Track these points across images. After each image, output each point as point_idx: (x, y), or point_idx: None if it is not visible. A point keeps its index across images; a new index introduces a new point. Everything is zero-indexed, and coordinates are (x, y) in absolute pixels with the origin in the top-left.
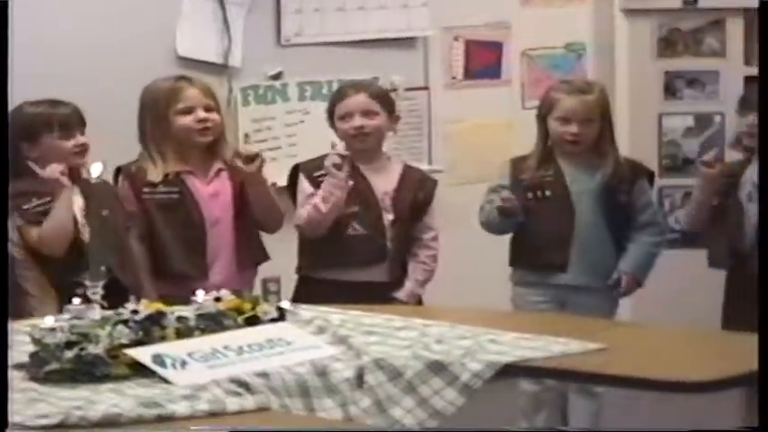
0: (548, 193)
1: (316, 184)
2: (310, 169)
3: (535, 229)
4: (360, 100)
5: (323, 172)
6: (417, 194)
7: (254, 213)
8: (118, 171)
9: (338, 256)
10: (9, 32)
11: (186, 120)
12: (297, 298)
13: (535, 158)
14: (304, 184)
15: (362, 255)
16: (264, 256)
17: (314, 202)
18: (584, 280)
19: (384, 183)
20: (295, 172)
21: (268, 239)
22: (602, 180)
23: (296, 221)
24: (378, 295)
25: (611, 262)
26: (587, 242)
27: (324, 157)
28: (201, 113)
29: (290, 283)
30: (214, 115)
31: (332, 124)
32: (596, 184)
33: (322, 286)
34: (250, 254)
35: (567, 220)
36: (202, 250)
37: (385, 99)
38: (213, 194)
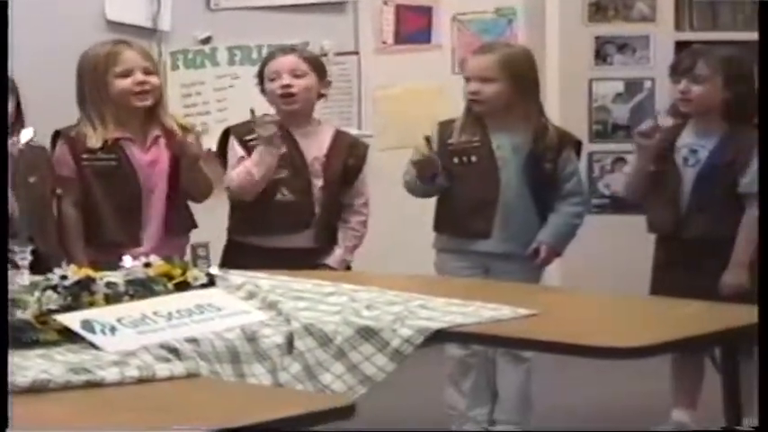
0: (473, 158)
1: (247, 147)
2: (241, 133)
3: (460, 195)
4: (289, 60)
5: (254, 136)
6: (348, 160)
7: (184, 183)
8: (56, 135)
9: (266, 222)
10: (9, 32)
11: (125, 83)
12: (224, 262)
13: (461, 121)
14: (235, 148)
15: (290, 220)
16: (192, 224)
17: (246, 166)
18: (507, 247)
19: (314, 148)
20: (226, 136)
21: (198, 205)
22: (527, 147)
23: (226, 184)
24: (306, 261)
25: (535, 230)
26: (511, 209)
27: (254, 121)
28: (140, 76)
29: (219, 248)
30: (153, 78)
31: (262, 89)
32: (522, 151)
33: (249, 251)
34: (180, 222)
35: (491, 187)
36: (138, 218)
37: (315, 62)
38: (151, 162)
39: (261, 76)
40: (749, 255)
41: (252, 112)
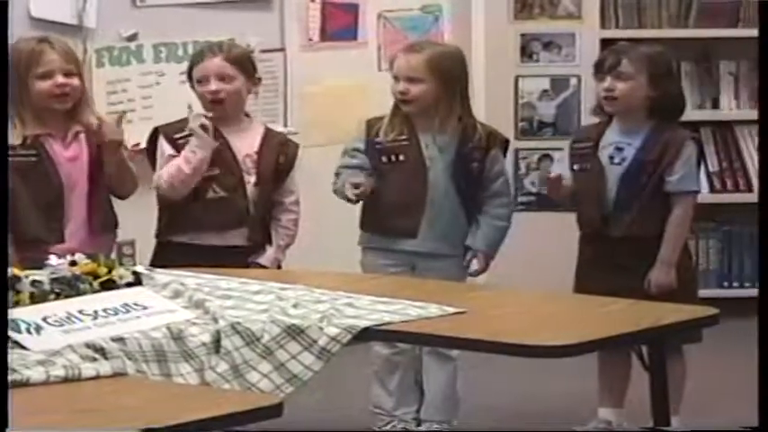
0: (401, 157)
1: (176, 146)
2: (171, 132)
3: (387, 194)
4: (216, 64)
5: (184, 134)
6: (279, 158)
7: (108, 179)
8: None
9: (198, 219)
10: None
11: (45, 85)
12: (155, 262)
13: (388, 119)
14: (164, 146)
15: (223, 218)
16: (115, 221)
17: (176, 162)
18: (433, 246)
19: (246, 145)
20: (155, 134)
21: (124, 203)
22: (455, 146)
23: (155, 184)
24: (238, 259)
25: (462, 230)
26: (438, 209)
27: (184, 120)
28: (60, 79)
29: (144, 247)
30: (74, 80)
31: (192, 85)
32: (450, 151)
33: (182, 250)
34: (103, 219)
35: (419, 186)
36: (59, 215)
37: (243, 62)
38: (71, 158)
39: (190, 75)
40: (676, 253)
41: (189, 107)
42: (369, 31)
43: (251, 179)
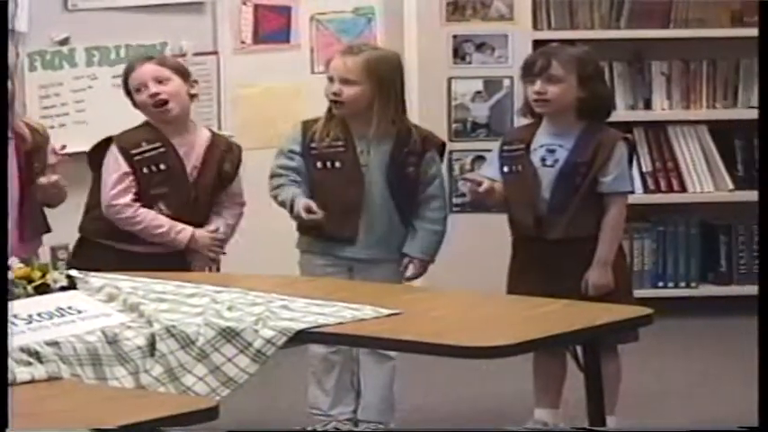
0: (337, 164)
1: (132, 163)
2: (128, 145)
3: (324, 200)
4: (149, 68)
5: (142, 149)
6: (224, 166)
7: (36, 191)
8: None
9: (134, 234)
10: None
11: None
12: (76, 257)
13: (322, 122)
14: (119, 162)
15: None
16: (46, 228)
17: (161, 221)
18: (371, 253)
19: (193, 157)
20: (105, 143)
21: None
22: (390, 151)
23: (107, 199)
24: (173, 264)
25: (400, 235)
26: (375, 215)
27: (139, 129)
28: None
29: None
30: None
31: (132, 101)
32: (385, 155)
33: (107, 254)
34: (32, 226)
35: (356, 192)
36: None
37: (175, 65)
38: None
39: (127, 91)
40: (612, 253)
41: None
42: (302, 34)
43: (192, 193)
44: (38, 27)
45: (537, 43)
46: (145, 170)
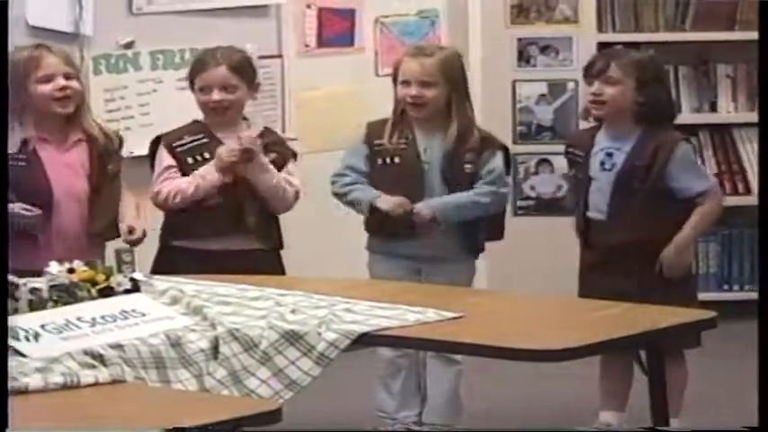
0: (397, 159)
1: (175, 155)
2: (171, 140)
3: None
4: (219, 73)
5: (183, 142)
6: (269, 156)
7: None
8: None
9: (194, 225)
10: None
11: (46, 88)
12: (157, 265)
13: (389, 123)
14: (162, 156)
15: (218, 224)
16: (115, 233)
17: (179, 184)
18: (432, 250)
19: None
20: (156, 142)
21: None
22: (451, 148)
23: (151, 195)
24: (239, 264)
25: (461, 233)
26: None
27: (184, 128)
28: (61, 81)
29: (143, 253)
30: (74, 83)
31: (192, 90)
32: (446, 153)
33: (181, 254)
34: (102, 228)
35: (416, 189)
36: (47, 220)
37: (245, 70)
38: (68, 164)
39: (191, 82)
40: (691, 238)
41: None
42: (365, 37)
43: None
44: (103, 31)
45: (601, 46)
46: (189, 160)
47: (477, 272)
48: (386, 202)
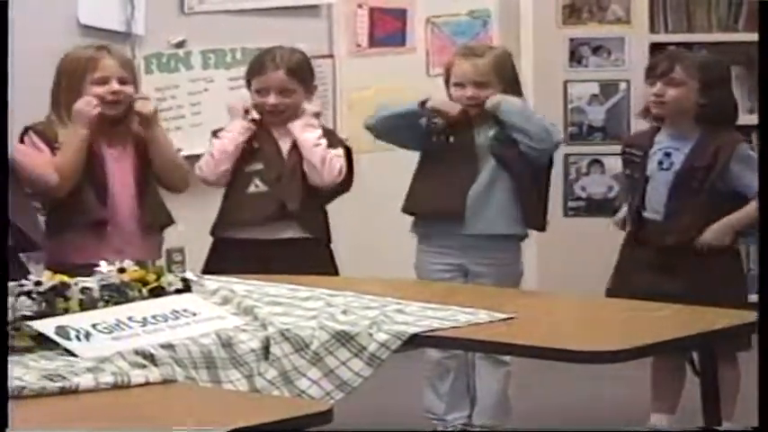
0: (451, 139)
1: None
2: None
3: (435, 175)
4: (277, 77)
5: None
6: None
7: (157, 171)
8: (24, 132)
9: (240, 215)
10: (9, 32)
11: (99, 90)
12: (209, 259)
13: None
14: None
15: (264, 212)
16: (168, 219)
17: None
18: (479, 227)
19: (288, 138)
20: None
21: (173, 212)
22: (503, 132)
23: (197, 169)
24: (286, 253)
25: (510, 213)
26: (486, 192)
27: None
28: (115, 85)
29: (194, 253)
30: (128, 88)
31: (248, 88)
32: (499, 136)
33: (229, 246)
34: (154, 217)
35: (468, 168)
36: (103, 211)
37: (303, 74)
38: (117, 158)
39: (248, 82)
40: (741, 224)
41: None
42: (417, 37)
43: (297, 172)
44: (154, 30)
45: (654, 46)
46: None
47: (527, 272)
48: (438, 100)
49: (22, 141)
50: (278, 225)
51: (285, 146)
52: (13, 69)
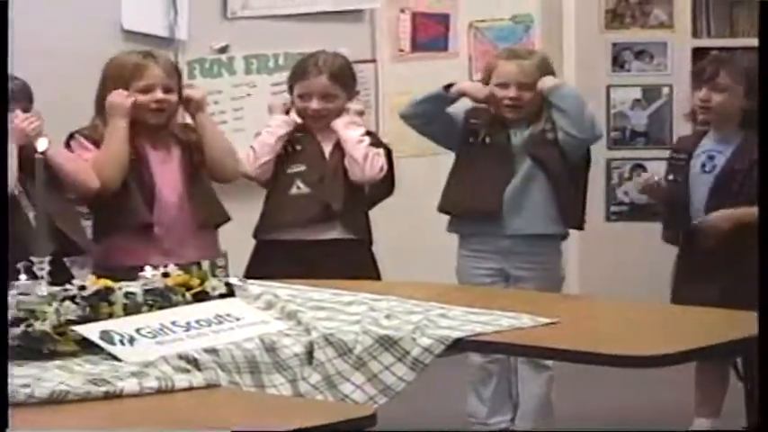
0: (488, 139)
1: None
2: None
3: (470, 174)
4: (320, 83)
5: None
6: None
7: (208, 160)
8: (70, 137)
9: (282, 216)
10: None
11: (144, 98)
12: (253, 261)
13: (486, 121)
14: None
15: (306, 214)
16: (224, 216)
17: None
18: (519, 225)
19: (332, 139)
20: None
21: None
22: (535, 130)
23: (248, 173)
24: (329, 254)
25: (546, 212)
26: (522, 190)
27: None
28: (160, 94)
29: (236, 258)
30: (172, 96)
31: (291, 93)
32: (532, 133)
33: (271, 247)
34: (207, 215)
35: (504, 168)
36: (149, 213)
37: (346, 79)
38: (161, 160)
39: (290, 87)
40: (741, 216)
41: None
42: (460, 42)
43: (339, 172)
44: (197, 35)
45: (696, 51)
46: (280, 150)
47: (569, 277)
48: (464, 82)
49: (67, 146)
50: (320, 226)
51: (327, 148)
52: (56, 74)
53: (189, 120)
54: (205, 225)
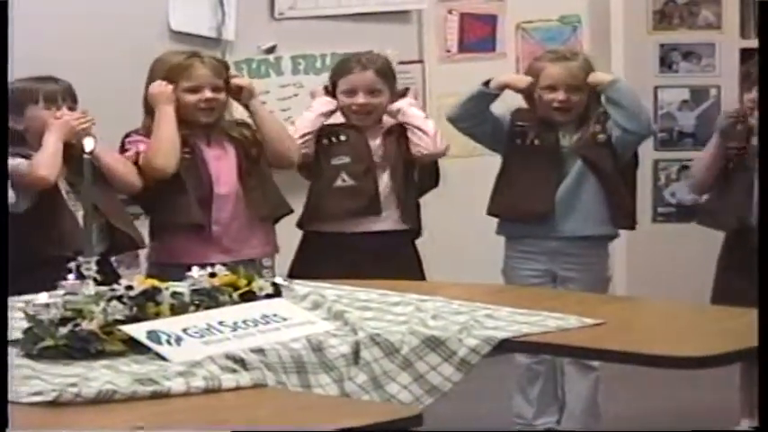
0: (536, 141)
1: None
2: None
3: (520, 178)
4: (366, 77)
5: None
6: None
7: (266, 146)
8: (126, 136)
9: (328, 208)
10: (9, 32)
11: (192, 98)
12: (299, 252)
13: (535, 124)
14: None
15: (351, 205)
16: (285, 208)
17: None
18: (570, 227)
19: (378, 133)
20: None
21: None
22: (586, 133)
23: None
24: (377, 245)
25: (597, 213)
26: (572, 192)
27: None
28: (208, 94)
29: (283, 259)
30: (221, 95)
31: (333, 93)
32: (582, 136)
33: (317, 239)
34: (267, 207)
35: (554, 170)
36: (206, 212)
37: (390, 75)
38: (217, 157)
39: (334, 84)
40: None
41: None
42: (507, 43)
43: (387, 165)
44: (245, 36)
45: (744, 52)
46: (324, 141)
47: (616, 278)
48: (505, 75)
49: (122, 148)
50: (366, 219)
51: (373, 141)
52: (105, 76)
53: (239, 117)
54: (266, 219)
